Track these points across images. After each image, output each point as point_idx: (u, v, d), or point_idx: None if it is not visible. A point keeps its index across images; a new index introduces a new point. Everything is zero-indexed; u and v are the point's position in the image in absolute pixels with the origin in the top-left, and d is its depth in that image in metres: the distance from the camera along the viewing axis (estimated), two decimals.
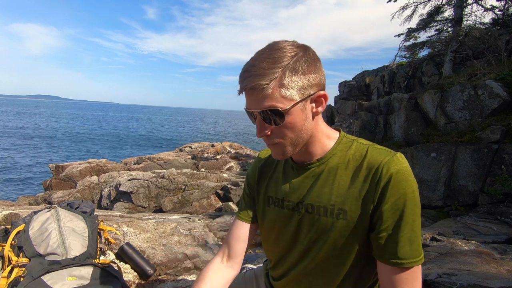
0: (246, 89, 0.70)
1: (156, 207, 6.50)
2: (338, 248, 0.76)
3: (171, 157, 11.98)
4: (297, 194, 0.82)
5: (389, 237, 0.70)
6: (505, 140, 4.53)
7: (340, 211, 0.74)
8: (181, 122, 75.97)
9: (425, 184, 5.08)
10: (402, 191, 0.69)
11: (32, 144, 24.15)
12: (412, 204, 0.69)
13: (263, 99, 0.69)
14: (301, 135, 0.74)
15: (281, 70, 0.68)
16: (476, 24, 8.68)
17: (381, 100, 8.14)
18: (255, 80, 0.68)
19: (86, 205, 1.84)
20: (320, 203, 0.77)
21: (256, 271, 1.11)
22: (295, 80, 0.69)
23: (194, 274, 2.02)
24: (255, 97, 0.70)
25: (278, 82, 0.68)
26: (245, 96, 0.73)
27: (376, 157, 0.73)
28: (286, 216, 0.84)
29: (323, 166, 0.79)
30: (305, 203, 0.80)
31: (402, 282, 0.69)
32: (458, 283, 1.59)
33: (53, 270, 1.31)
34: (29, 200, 7.24)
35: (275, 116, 0.70)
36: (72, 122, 52.31)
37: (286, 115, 0.70)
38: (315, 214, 0.78)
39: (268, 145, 0.78)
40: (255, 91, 0.69)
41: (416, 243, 0.69)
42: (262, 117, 0.72)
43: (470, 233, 3.44)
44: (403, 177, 0.70)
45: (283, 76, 0.68)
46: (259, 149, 18.26)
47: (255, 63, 0.69)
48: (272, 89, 0.68)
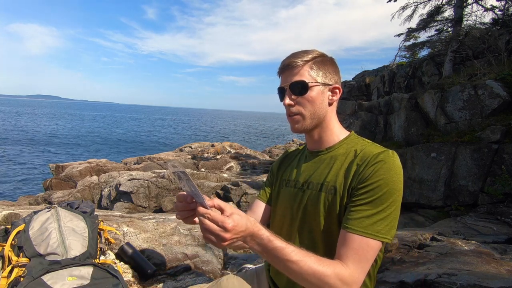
0: (284, 66, 0.91)
1: (156, 207, 6.50)
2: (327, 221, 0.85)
3: (171, 157, 11.98)
4: (304, 175, 0.96)
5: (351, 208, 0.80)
6: (505, 140, 4.53)
7: (332, 188, 0.86)
8: (179, 122, 76.02)
9: (425, 184, 5.08)
10: (382, 177, 0.78)
11: (32, 144, 24.16)
12: (386, 190, 0.77)
13: (294, 74, 0.90)
14: (318, 112, 0.91)
15: (312, 58, 0.91)
16: (476, 24, 8.68)
17: (381, 100, 8.14)
18: (292, 59, 0.91)
19: (86, 205, 1.84)
20: (319, 180, 0.90)
21: (257, 269, 1.13)
22: (321, 68, 0.91)
23: (194, 274, 2.03)
24: (289, 73, 0.91)
25: (308, 64, 0.90)
26: (281, 77, 0.94)
27: (370, 149, 0.86)
28: (293, 194, 0.96)
29: (330, 154, 0.94)
30: (308, 181, 0.93)
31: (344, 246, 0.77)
32: (458, 283, 1.59)
33: (53, 270, 1.31)
34: (29, 200, 7.24)
35: (301, 87, 0.89)
36: (72, 123, 52.35)
37: (309, 90, 0.89)
38: (313, 189, 0.90)
39: (289, 116, 0.94)
40: (289, 68, 0.91)
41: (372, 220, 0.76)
42: (291, 89, 0.90)
43: (470, 233, 3.44)
44: (388, 166, 0.79)
45: (312, 62, 0.91)
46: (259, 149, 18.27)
47: (294, 53, 0.93)
48: (302, 68, 0.90)
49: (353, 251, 0.75)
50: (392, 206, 0.77)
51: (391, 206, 0.77)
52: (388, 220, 0.77)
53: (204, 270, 2.12)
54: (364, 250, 0.75)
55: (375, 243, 0.76)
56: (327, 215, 0.85)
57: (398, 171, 0.80)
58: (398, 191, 0.78)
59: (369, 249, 0.75)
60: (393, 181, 0.78)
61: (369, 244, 0.75)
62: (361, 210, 0.77)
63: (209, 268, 2.15)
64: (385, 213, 0.76)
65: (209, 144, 15.70)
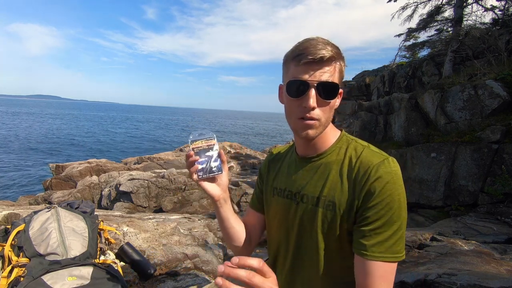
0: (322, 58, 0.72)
1: (156, 207, 6.50)
2: (326, 239, 0.80)
3: (171, 157, 11.97)
4: (296, 185, 0.87)
5: (366, 232, 0.74)
6: (505, 140, 4.53)
7: (330, 203, 0.79)
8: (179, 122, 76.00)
9: (425, 184, 5.07)
10: (388, 193, 0.73)
11: (32, 144, 24.16)
12: (396, 207, 0.73)
13: (326, 72, 0.74)
14: (329, 119, 0.80)
15: (340, 55, 0.76)
16: (476, 24, 8.68)
17: (381, 100, 8.14)
18: (328, 49, 0.72)
19: (86, 205, 1.84)
20: (314, 193, 0.82)
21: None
22: (342, 71, 0.78)
23: (194, 274, 2.02)
24: (321, 68, 0.74)
25: (339, 64, 0.76)
26: (303, 67, 0.74)
27: (369, 158, 0.77)
28: (286, 205, 0.89)
29: (322, 160, 0.84)
30: (302, 193, 0.85)
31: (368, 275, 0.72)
32: (458, 283, 1.59)
33: (53, 270, 1.31)
34: (29, 200, 7.24)
35: (332, 91, 0.75)
36: (72, 123, 52.33)
37: (337, 96, 0.78)
38: (309, 204, 0.83)
39: (301, 119, 0.78)
40: (322, 61, 0.73)
41: (391, 242, 0.72)
42: (319, 89, 0.74)
43: (470, 233, 3.44)
44: (391, 180, 0.73)
45: (341, 61, 0.77)
46: (259, 149, 18.26)
47: (324, 40, 0.75)
48: (336, 66, 0.75)
49: (381, 279, 0.72)
50: (404, 221, 0.74)
51: (404, 221, 0.74)
52: (403, 238, 0.75)
53: (204, 270, 2.12)
54: (389, 274, 0.73)
55: (396, 264, 0.74)
56: (326, 232, 0.80)
57: (401, 182, 0.75)
58: (405, 203, 0.75)
59: (393, 271, 0.74)
60: (399, 194, 0.73)
61: (392, 267, 0.73)
62: (377, 234, 0.73)
63: (209, 268, 2.15)
64: (401, 231, 0.74)
65: None
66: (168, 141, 32.09)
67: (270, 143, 31.04)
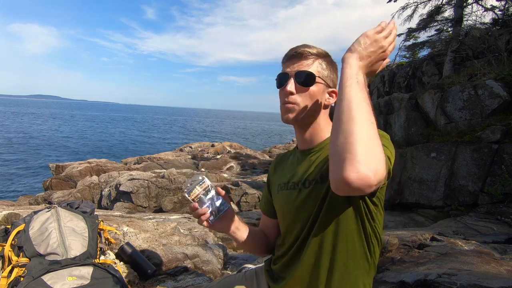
0: (296, 53, 0.88)
1: (156, 207, 6.50)
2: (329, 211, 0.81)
3: (171, 157, 11.98)
4: (298, 175, 0.93)
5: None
6: (505, 140, 4.53)
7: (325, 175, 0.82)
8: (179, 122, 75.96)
9: (425, 184, 5.07)
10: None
11: (32, 144, 24.15)
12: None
13: (303, 64, 0.87)
14: (312, 108, 0.89)
15: (324, 54, 0.90)
16: (476, 24, 8.68)
17: (381, 100, 8.14)
18: (307, 49, 0.88)
19: (86, 205, 1.84)
20: (315, 176, 0.87)
21: (256, 270, 1.13)
22: (328, 68, 0.91)
23: (194, 274, 2.02)
24: (298, 62, 0.88)
25: (319, 60, 0.89)
26: (286, 64, 0.90)
27: None
28: (290, 196, 0.93)
29: (321, 151, 0.91)
30: (303, 180, 0.90)
31: None
32: (458, 283, 1.59)
33: (53, 270, 1.31)
34: (29, 200, 7.24)
35: (308, 78, 0.86)
36: (72, 123, 52.32)
37: (314, 84, 0.87)
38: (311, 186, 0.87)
39: (283, 104, 0.90)
40: (300, 56, 0.88)
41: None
42: (296, 77, 0.87)
43: (470, 233, 3.44)
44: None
45: (323, 59, 0.90)
46: (259, 149, 18.26)
47: (308, 44, 0.89)
48: (314, 60, 0.88)
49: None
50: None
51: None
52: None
53: (204, 270, 2.12)
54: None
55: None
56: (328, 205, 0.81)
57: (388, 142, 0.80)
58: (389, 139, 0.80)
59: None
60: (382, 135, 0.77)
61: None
62: None
63: (209, 268, 2.15)
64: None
65: (209, 144, 15.70)
66: (168, 141, 32.09)
67: (270, 143, 31.04)
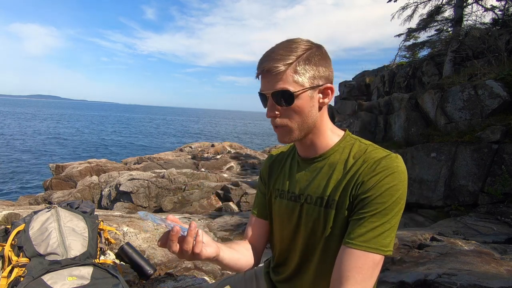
0: (263, 71, 0.77)
1: (156, 207, 6.50)
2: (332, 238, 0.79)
3: (171, 157, 11.97)
4: (300, 186, 0.87)
5: (354, 222, 0.73)
6: (505, 140, 4.53)
7: (333, 202, 0.78)
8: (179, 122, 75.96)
9: (425, 184, 5.07)
10: (388, 186, 0.72)
11: (32, 144, 24.14)
12: (391, 201, 0.71)
13: (276, 81, 0.76)
14: (306, 121, 0.80)
15: (295, 58, 0.75)
16: (476, 24, 8.67)
17: (381, 100, 8.14)
18: (271, 63, 0.75)
19: (86, 205, 1.84)
20: (318, 194, 0.82)
21: (256, 270, 1.12)
22: (307, 69, 0.76)
23: (194, 274, 2.02)
24: (270, 79, 0.77)
25: (292, 68, 0.75)
26: (261, 80, 0.80)
27: (373, 154, 0.78)
28: (289, 207, 0.88)
29: (325, 161, 0.84)
30: (305, 194, 0.84)
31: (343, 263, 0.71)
32: (458, 283, 1.59)
33: (53, 270, 1.31)
34: (29, 200, 7.24)
35: (286, 97, 0.76)
36: (72, 123, 52.29)
37: (296, 99, 0.76)
38: (313, 204, 0.82)
39: (275, 128, 0.82)
40: (270, 74, 0.76)
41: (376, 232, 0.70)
42: (273, 98, 0.78)
43: (470, 233, 3.43)
44: (393, 174, 0.73)
45: (297, 63, 0.76)
46: (259, 149, 18.25)
47: (273, 50, 0.78)
48: (285, 73, 0.75)
49: (355, 270, 0.68)
50: (397, 216, 0.72)
51: (396, 216, 0.72)
52: (393, 232, 0.72)
53: (204, 270, 2.12)
54: (368, 267, 0.69)
55: (380, 258, 0.70)
56: (331, 231, 0.78)
57: (403, 178, 0.73)
58: (403, 199, 0.73)
59: (373, 265, 0.69)
60: (398, 189, 0.72)
61: (373, 260, 0.69)
62: (365, 224, 0.71)
63: (209, 268, 2.15)
64: (390, 224, 0.71)
65: (209, 144, 15.69)
66: (168, 141, 32.08)
67: (270, 143, 31.04)
